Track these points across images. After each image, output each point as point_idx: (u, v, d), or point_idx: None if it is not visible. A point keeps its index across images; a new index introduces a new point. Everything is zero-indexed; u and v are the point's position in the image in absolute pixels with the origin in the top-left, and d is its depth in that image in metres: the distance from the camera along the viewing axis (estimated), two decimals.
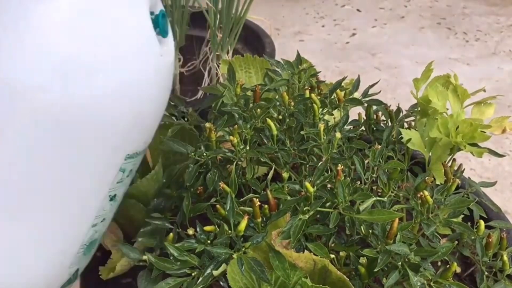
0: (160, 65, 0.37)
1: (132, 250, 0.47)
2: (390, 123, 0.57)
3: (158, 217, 0.50)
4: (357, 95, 0.58)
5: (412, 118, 0.58)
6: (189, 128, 0.55)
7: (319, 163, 0.47)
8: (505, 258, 0.47)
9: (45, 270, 0.40)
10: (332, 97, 0.57)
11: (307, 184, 0.43)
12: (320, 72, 0.62)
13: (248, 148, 0.50)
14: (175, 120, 0.56)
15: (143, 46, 0.36)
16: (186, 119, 0.56)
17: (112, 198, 0.41)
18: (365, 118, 0.59)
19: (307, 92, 0.56)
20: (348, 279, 0.42)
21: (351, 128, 0.57)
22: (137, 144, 0.39)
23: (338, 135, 0.50)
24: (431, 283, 0.41)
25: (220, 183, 0.47)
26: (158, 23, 0.37)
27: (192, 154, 0.50)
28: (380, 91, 0.60)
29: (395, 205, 0.47)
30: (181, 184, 0.53)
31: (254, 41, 0.98)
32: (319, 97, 0.55)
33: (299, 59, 0.62)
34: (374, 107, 0.58)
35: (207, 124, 0.51)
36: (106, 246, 0.52)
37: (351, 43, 1.37)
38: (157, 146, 0.59)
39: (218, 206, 0.46)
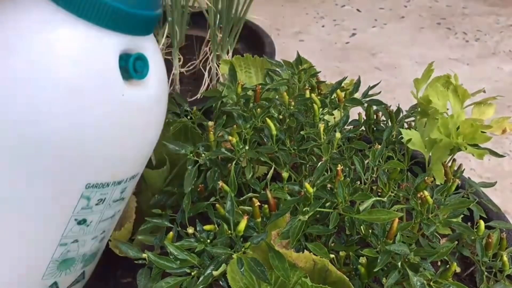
0: (120, 103, 0.38)
1: (131, 248, 0.47)
2: (390, 123, 0.57)
3: (158, 214, 0.50)
4: (357, 95, 0.58)
5: (412, 118, 0.58)
6: (191, 126, 0.55)
7: (319, 163, 0.47)
8: (505, 258, 0.47)
9: (10, 278, 0.42)
10: (332, 97, 0.57)
11: (307, 185, 0.43)
12: (320, 72, 0.62)
13: (247, 148, 0.50)
14: (178, 118, 0.56)
15: (102, 88, 0.37)
16: (189, 117, 0.56)
17: (80, 222, 0.42)
18: (365, 118, 0.59)
19: (307, 92, 0.56)
20: (348, 279, 0.42)
21: (351, 128, 0.57)
22: (99, 175, 0.40)
23: (338, 135, 0.50)
24: (431, 283, 0.41)
25: (219, 182, 0.47)
26: (129, 66, 0.38)
27: (191, 155, 0.50)
28: (380, 92, 0.60)
29: (395, 205, 0.46)
30: (183, 181, 0.53)
31: (254, 41, 0.98)
32: (319, 97, 0.55)
33: (299, 59, 0.62)
34: (374, 107, 0.58)
35: (210, 123, 0.51)
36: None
37: (351, 43, 1.37)
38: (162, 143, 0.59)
39: (218, 205, 0.46)
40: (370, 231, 0.44)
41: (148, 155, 0.45)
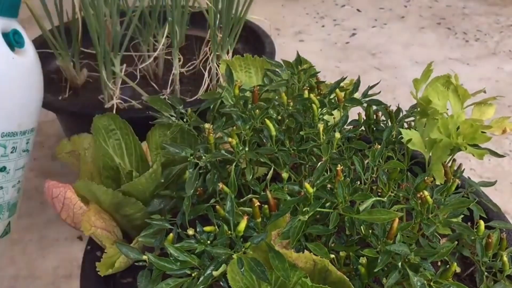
0: (12, 65, 0.53)
1: (132, 250, 0.47)
2: (390, 123, 0.57)
3: (158, 218, 0.50)
4: (357, 95, 0.58)
5: (412, 118, 0.58)
6: (188, 129, 0.55)
7: (319, 164, 0.47)
8: (505, 258, 0.47)
9: None
10: (332, 97, 0.57)
11: (307, 185, 0.43)
12: (320, 72, 0.62)
13: (247, 149, 0.50)
14: (174, 120, 0.56)
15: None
16: (185, 119, 0.56)
17: (1, 169, 0.54)
18: (364, 118, 0.59)
19: (306, 92, 0.56)
20: (348, 279, 0.42)
21: (351, 128, 0.57)
22: (10, 125, 0.54)
23: (337, 135, 0.50)
24: (431, 283, 0.41)
25: (219, 184, 0.47)
26: (10, 39, 0.53)
27: (191, 158, 0.50)
28: (380, 92, 0.60)
29: (395, 205, 0.46)
30: (180, 185, 0.53)
31: (254, 41, 0.98)
32: (318, 97, 0.55)
33: (299, 59, 0.62)
34: (374, 107, 0.58)
35: (206, 125, 0.51)
36: (104, 245, 0.52)
37: (351, 43, 1.36)
38: (157, 145, 0.59)
39: (218, 207, 0.46)
40: (370, 231, 0.44)
41: (39, 108, 0.59)
